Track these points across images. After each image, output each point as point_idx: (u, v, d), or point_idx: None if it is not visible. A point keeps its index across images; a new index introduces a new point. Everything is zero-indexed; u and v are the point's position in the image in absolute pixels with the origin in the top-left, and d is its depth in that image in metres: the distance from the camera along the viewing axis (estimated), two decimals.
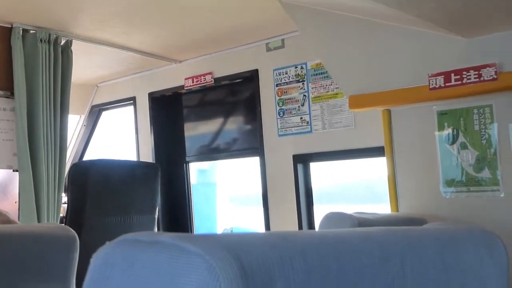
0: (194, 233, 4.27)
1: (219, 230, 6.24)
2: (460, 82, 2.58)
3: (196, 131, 4.89)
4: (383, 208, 3.24)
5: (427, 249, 0.72)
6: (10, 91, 3.50)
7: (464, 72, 2.57)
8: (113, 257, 0.54)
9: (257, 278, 0.51)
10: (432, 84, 2.65)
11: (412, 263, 0.67)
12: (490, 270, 0.78)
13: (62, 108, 3.69)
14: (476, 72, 2.54)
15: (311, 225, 3.88)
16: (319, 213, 3.88)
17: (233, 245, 0.52)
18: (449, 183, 2.78)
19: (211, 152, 4.80)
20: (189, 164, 4.88)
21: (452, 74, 2.60)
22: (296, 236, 0.61)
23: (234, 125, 4.64)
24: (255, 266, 0.51)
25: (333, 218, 2.39)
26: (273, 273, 0.52)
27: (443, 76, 2.63)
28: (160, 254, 0.51)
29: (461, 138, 2.74)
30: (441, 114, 2.80)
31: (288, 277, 0.53)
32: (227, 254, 0.50)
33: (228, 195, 6.46)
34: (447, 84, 2.61)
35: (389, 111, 2.96)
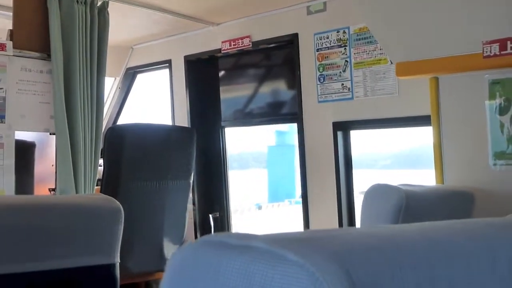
0: (229, 200, 4.24)
1: (297, 192, 6.17)
2: None
3: (233, 96, 4.81)
4: (423, 173, 3.14)
5: None
6: (46, 53, 3.45)
7: None
8: (196, 259, 0.47)
9: None
10: (487, 52, 2.52)
11: None
12: None
13: (98, 70, 3.63)
14: None
15: (349, 192, 3.80)
16: (358, 178, 3.82)
17: (339, 253, 0.44)
18: (499, 155, 2.66)
19: (247, 117, 4.73)
20: (225, 129, 4.81)
21: (508, 42, 2.46)
22: (401, 236, 0.53)
23: (272, 90, 4.54)
24: (364, 280, 0.43)
25: (379, 190, 2.31)
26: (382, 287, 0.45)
27: (498, 43, 2.49)
28: (254, 261, 0.43)
29: None
30: (493, 83, 2.66)
31: None
32: (335, 266, 0.42)
33: None
34: (502, 52, 2.47)
35: (437, 79, 2.84)
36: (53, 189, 3.50)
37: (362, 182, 3.80)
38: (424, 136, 3.71)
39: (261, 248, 0.44)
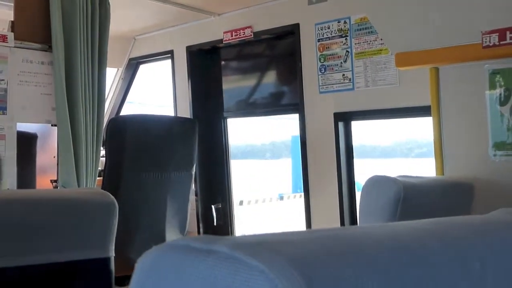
0: (232, 191, 4.23)
1: None
2: None
3: (235, 86, 4.80)
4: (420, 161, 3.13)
5: (509, 248, 0.63)
6: (48, 44, 3.46)
7: None
8: (161, 263, 0.47)
9: None
10: (486, 42, 2.50)
11: (494, 267, 0.59)
12: None
13: (100, 61, 3.64)
14: None
15: (350, 183, 3.80)
16: (359, 168, 3.81)
17: (301, 260, 0.44)
18: (499, 146, 2.65)
19: (249, 108, 4.72)
20: (227, 120, 4.81)
21: (507, 32, 2.45)
22: (367, 239, 0.53)
23: (274, 80, 4.54)
24: (326, 286, 0.43)
25: (377, 182, 2.31)
26: None
27: (497, 33, 2.48)
28: (216, 267, 0.44)
29: None
30: (493, 73, 2.65)
31: None
32: (295, 272, 0.42)
33: None
34: (501, 42, 2.46)
35: (437, 69, 2.83)
36: (55, 181, 3.51)
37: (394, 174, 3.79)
38: None
39: (224, 252, 0.45)
